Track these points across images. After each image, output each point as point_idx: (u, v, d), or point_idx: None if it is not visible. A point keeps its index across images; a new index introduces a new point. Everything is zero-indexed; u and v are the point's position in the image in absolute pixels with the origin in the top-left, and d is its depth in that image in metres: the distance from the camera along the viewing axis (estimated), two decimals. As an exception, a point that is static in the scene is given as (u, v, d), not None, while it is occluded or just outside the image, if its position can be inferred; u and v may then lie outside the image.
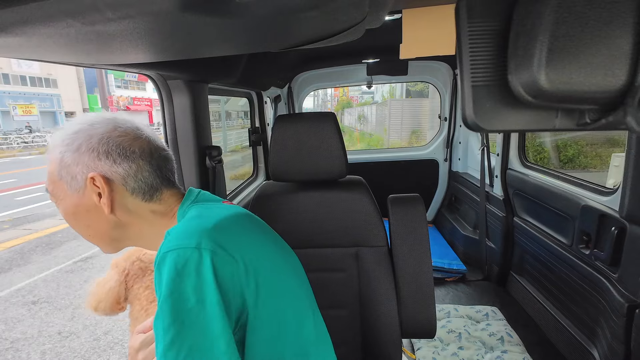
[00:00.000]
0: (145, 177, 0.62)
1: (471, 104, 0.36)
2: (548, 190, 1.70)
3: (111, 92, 21.41)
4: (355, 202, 1.11)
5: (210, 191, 1.11)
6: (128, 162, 0.60)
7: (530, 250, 1.89)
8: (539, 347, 1.66)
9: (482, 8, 0.35)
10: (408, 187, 2.87)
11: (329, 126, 1.07)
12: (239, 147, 5.82)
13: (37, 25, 0.37)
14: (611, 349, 1.25)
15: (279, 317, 0.60)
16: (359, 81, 2.76)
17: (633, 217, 1.19)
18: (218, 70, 1.12)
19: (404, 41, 0.80)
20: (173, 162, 0.69)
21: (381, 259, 1.09)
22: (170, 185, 0.66)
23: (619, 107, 0.32)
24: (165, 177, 0.65)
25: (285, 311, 0.61)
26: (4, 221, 5.50)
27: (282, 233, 1.14)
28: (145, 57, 0.67)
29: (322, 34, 0.62)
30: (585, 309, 1.46)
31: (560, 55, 0.31)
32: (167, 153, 0.67)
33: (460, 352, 1.61)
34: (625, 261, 1.22)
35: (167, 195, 0.65)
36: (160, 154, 0.65)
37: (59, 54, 0.58)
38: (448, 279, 2.31)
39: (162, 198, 0.65)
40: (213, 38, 0.56)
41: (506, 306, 1.99)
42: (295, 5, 0.41)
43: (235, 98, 2.06)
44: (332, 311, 1.10)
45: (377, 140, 13.53)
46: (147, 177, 0.62)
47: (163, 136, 1.08)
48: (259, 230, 0.67)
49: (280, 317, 0.60)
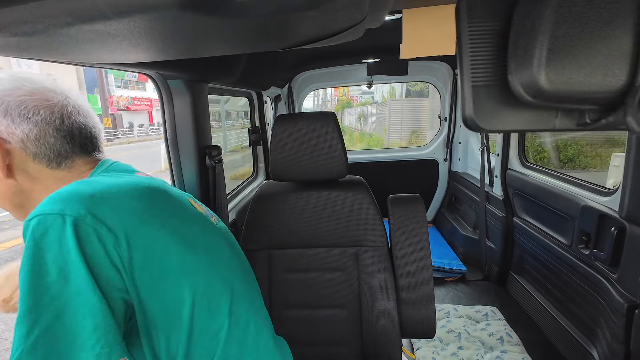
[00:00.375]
0: (50, 143, 0.58)
1: (471, 104, 0.36)
2: (548, 190, 1.70)
3: (111, 92, 21.40)
4: (355, 201, 1.11)
5: (210, 191, 1.11)
6: (28, 124, 0.56)
7: (530, 250, 1.89)
8: (539, 347, 1.66)
9: (482, 8, 0.35)
10: (408, 187, 2.87)
11: (329, 126, 1.07)
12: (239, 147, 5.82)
13: (37, 25, 0.37)
14: (611, 349, 1.25)
15: (174, 307, 0.54)
16: (359, 81, 2.76)
17: (633, 218, 1.19)
18: (218, 69, 1.12)
19: (404, 41, 0.80)
20: (94, 129, 0.65)
21: (381, 259, 1.09)
22: (86, 154, 0.63)
23: (619, 107, 0.32)
24: (81, 145, 0.62)
25: (183, 300, 0.54)
26: (4, 221, 5.50)
27: (282, 233, 1.15)
28: (146, 57, 0.66)
29: (322, 34, 0.62)
30: (584, 309, 1.46)
31: (560, 55, 0.31)
32: (88, 121, 0.63)
33: (460, 352, 1.61)
34: (624, 261, 1.22)
35: (79, 163, 0.62)
36: (76, 120, 0.61)
37: (59, 53, 0.58)
38: (448, 279, 2.31)
39: (72, 166, 0.61)
40: (213, 37, 0.56)
41: (506, 306, 1.99)
42: (295, 5, 0.41)
43: (236, 98, 2.06)
44: (332, 311, 1.10)
45: (377, 140, 13.53)
46: (52, 143, 0.58)
47: (163, 135, 1.08)
48: (166, 207, 0.60)
49: (175, 307, 0.54)
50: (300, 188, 1.15)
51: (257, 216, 1.14)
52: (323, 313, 1.10)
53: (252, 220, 1.14)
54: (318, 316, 1.10)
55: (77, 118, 0.61)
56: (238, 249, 0.77)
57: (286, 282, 1.12)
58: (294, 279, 1.12)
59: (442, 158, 2.93)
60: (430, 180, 2.99)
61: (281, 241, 1.13)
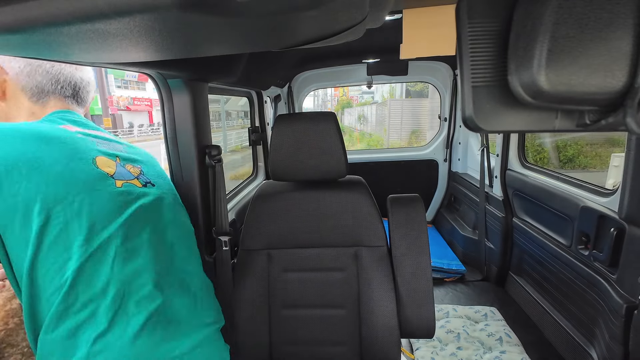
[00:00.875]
0: (37, 80, 0.71)
1: (471, 104, 0.36)
2: (547, 191, 1.71)
3: (111, 92, 21.36)
4: (355, 202, 1.11)
5: (210, 190, 1.11)
6: (24, 61, 0.69)
7: (530, 250, 1.89)
8: (538, 347, 1.66)
9: (482, 8, 0.35)
10: (408, 187, 2.88)
11: (329, 126, 1.07)
12: (239, 147, 5.82)
13: (37, 24, 0.37)
14: (609, 350, 1.25)
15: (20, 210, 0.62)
16: (359, 81, 2.76)
17: (632, 219, 1.19)
18: (218, 69, 1.12)
19: (404, 41, 0.80)
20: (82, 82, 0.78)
21: (380, 259, 1.09)
22: (62, 97, 0.75)
23: (618, 109, 0.32)
24: (62, 88, 0.74)
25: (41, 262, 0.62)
26: None
27: (281, 232, 1.15)
28: (146, 56, 0.66)
29: (322, 33, 0.62)
30: (583, 309, 1.46)
31: (560, 56, 0.31)
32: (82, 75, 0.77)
33: (459, 352, 1.61)
34: (623, 262, 1.22)
35: (52, 104, 0.74)
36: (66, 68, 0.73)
37: (59, 53, 0.58)
38: (447, 279, 2.31)
39: (46, 104, 0.73)
40: (213, 37, 0.56)
41: (505, 306, 1.99)
42: (295, 4, 0.41)
43: (236, 98, 2.06)
44: (331, 311, 1.10)
45: (377, 140, 13.53)
46: (39, 81, 0.71)
47: (163, 135, 1.08)
48: (47, 154, 0.66)
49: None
50: (300, 188, 1.15)
51: (257, 216, 1.14)
52: (322, 313, 1.10)
53: (252, 220, 1.14)
54: (317, 316, 1.10)
55: (69, 68, 0.74)
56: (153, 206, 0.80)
57: (285, 281, 1.12)
58: (294, 278, 1.12)
59: (441, 158, 2.94)
60: (430, 181, 2.99)
61: (281, 241, 1.13)
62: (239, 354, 1.10)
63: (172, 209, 0.86)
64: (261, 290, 1.11)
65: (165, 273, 0.76)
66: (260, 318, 1.10)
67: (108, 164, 0.74)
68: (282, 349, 1.12)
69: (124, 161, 0.80)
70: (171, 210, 0.85)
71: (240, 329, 1.09)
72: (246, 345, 1.10)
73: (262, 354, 1.11)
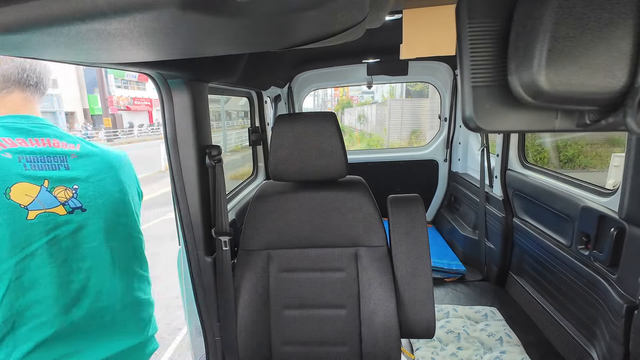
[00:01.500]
0: (4, 69, 0.72)
1: (471, 104, 0.36)
2: (548, 191, 1.71)
3: (111, 92, 21.36)
4: (355, 202, 1.11)
5: (210, 190, 1.11)
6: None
7: (530, 250, 1.89)
8: (538, 347, 1.66)
9: (482, 8, 0.35)
10: (408, 187, 2.87)
11: (329, 126, 1.07)
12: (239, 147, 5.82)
13: (37, 24, 0.37)
14: (610, 350, 1.25)
15: None
16: (359, 81, 2.76)
17: (632, 219, 1.19)
18: (218, 69, 1.12)
19: (404, 41, 0.80)
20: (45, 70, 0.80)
21: (380, 259, 1.09)
22: (24, 87, 0.76)
23: (618, 109, 0.32)
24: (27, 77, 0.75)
25: None
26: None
27: (281, 233, 1.15)
28: (146, 56, 0.66)
29: (322, 34, 0.62)
30: (584, 309, 1.46)
31: (561, 56, 0.31)
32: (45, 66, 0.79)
33: (459, 352, 1.61)
34: (624, 262, 1.22)
35: (14, 96, 0.75)
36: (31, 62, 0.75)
37: (59, 53, 0.58)
38: (447, 279, 2.31)
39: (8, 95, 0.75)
40: (213, 37, 0.56)
41: (505, 307, 1.99)
42: (295, 4, 0.41)
43: (236, 98, 2.06)
44: (331, 311, 1.10)
45: (377, 140, 13.53)
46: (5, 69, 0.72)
47: (163, 135, 1.08)
48: None
49: None
50: (300, 188, 1.15)
51: (257, 216, 1.14)
52: (322, 313, 1.10)
53: (252, 220, 1.14)
54: (317, 316, 1.10)
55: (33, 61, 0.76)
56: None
57: (285, 281, 1.12)
58: (294, 278, 1.12)
59: (441, 158, 2.93)
60: (430, 181, 2.99)
61: (281, 241, 1.13)
62: (240, 354, 1.10)
63: (98, 236, 0.83)
64: (261, 290, 1.11)
65: (71, 302, 0.78)
66: (261, 318, 1.10)
67: (27, 191, 0.73)
68: (282, 349, 1.12)
69: (56, 183, 0.77)
70: (97, 237, 0.83)
71: (240, 329, 1.09)
72: (246, 346, 1.10)
73: (262, 354, 1.11)
